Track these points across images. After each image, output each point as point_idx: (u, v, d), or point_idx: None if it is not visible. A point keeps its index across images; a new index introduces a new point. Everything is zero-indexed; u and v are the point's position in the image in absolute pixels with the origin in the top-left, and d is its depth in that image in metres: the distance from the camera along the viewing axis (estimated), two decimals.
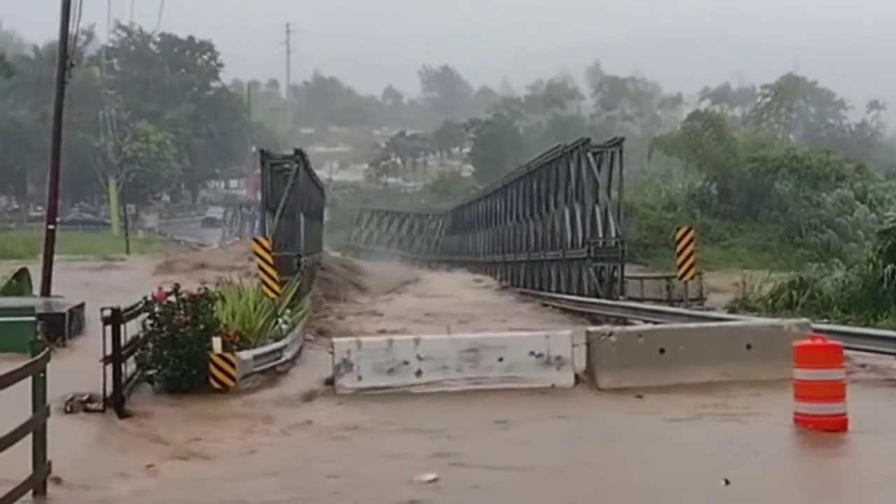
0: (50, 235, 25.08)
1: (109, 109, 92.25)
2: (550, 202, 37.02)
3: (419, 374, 15.71)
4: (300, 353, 19.64)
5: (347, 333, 21.30)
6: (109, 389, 13.90)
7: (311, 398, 15.35)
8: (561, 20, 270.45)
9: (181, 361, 15.37)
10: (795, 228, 61.99)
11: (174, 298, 15.86)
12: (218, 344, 15.55)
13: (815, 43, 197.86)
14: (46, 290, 24.38)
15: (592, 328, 17.56)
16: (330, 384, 15.81)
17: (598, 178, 32.32)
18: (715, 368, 15.75)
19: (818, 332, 15.23)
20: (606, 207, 32.18)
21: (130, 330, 15.11)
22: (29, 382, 9.29)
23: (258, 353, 16.90)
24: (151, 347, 15.56)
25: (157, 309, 15.76)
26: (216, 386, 15.40)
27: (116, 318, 14.21)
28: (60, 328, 20.28)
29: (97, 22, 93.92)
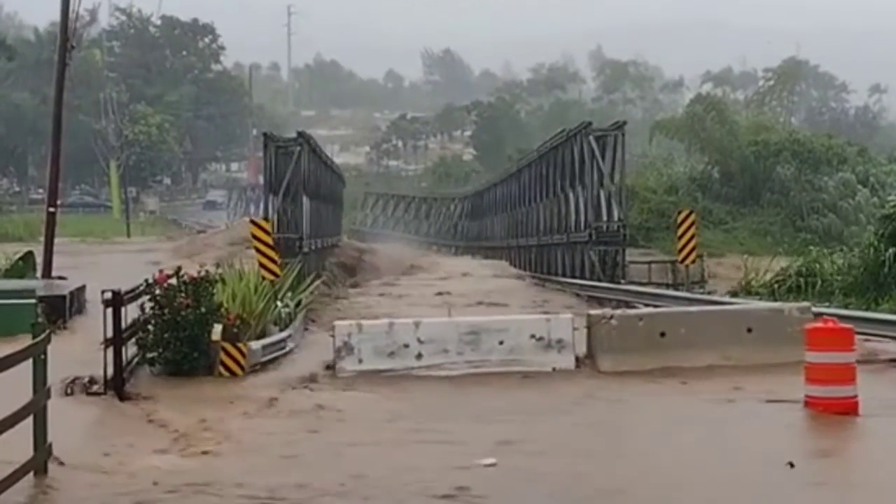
0: (51, 218, 25.10)
1: (110, 92, 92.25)
2: (557, 186, 36.99)
3: (419, 356, 15.67)
4: (302, 336, 19.62)
5: (371, 316, 20.69)
6: (110, 372, 13.92)
7: (312, 381, 15.33)
8: (564, 4, 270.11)
9: (182, 344, 15.37)
10: (797, 212, 61.91)
11: (175, 281, 15.85)
12: (218, 331, 15.56)
13: (817, 30, 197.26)
14: (48, 272, 24.40)
15: (593, 311, 17.55)
16: (331, 368, 15.80)
17: (600, 161, 32.29)
18: (716, 352, 15.71)
19: (818, 315, 15.20)
20: (609, 191, 32.16)
21: (132, 312, 15.13)
22: (30, 364, 9.29)
23: (266, 342, 16.95)
24: (152, 330, 15.56)
25: (157, 291, 15.75)
26: (224, 374, 15.42)
27: (117, 300, 14.20)
28: (61, 310, 20.31)
29: (101, 1, 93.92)
